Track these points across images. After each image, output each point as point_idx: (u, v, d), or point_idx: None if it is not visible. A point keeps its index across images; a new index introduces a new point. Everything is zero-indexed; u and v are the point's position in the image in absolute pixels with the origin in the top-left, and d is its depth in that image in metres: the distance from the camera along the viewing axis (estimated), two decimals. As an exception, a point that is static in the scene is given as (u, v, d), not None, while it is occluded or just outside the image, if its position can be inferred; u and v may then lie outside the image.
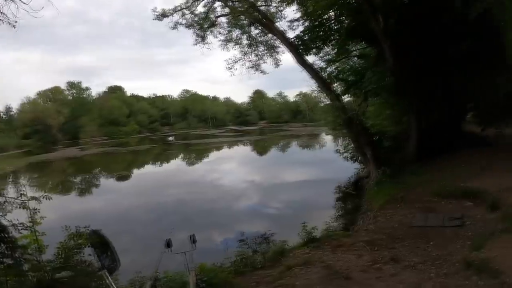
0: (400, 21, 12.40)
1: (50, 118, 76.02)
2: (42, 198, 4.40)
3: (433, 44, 11.97)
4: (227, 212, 15.33)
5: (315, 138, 50.98)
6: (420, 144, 12.60)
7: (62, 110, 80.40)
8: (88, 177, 29.60)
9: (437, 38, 11.80)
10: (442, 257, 5.65)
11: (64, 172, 34.49)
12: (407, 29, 12.29)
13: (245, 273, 6.44)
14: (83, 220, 4.78)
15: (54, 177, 31.08)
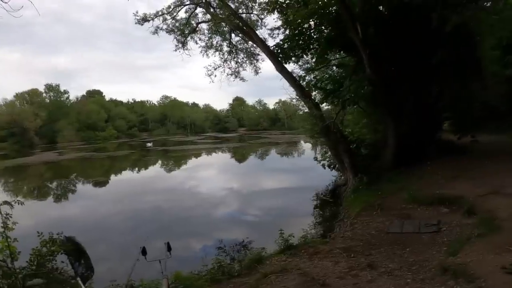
0: (378, 31, 12.62)
1: (27, 121, 74.82)
2: (14, 203, 4.26)
3: (410, 54, 12.21)
4: (205, 219, 15.16)
5: (294, 146, 51.43)
6: (397, 152, 12.77)
7: (40, 113, 79.28)
8: (65, 182, 29.04)
9: (414, 48, 12.05)
10: (419, 263, 5.69)
11: (41, 177, 33.87)
12: (385, 39, 12.52)
13: (221, 281, 6.37)
14: (58, 226, 4.67)
15: (30, 181, 30.47)
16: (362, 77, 12.83)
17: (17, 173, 36.63)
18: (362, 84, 12.66)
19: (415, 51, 12.09)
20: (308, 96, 14.51)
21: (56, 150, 61.55)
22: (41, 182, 30.13)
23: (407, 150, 12.67)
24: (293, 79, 14.80)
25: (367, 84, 12.54)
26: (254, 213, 15.95)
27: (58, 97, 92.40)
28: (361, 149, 15.03)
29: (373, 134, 14.91)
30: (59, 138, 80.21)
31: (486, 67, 12.98)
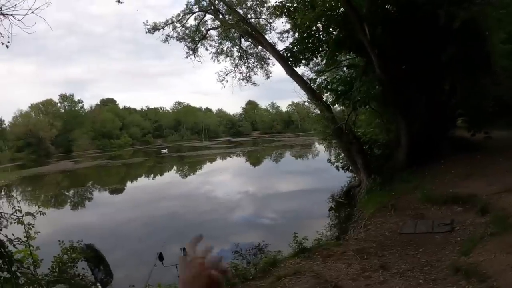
0: (386, 30, 12.60)
1: (42, 131, 75.97)
2: (37, 214, 4.42)
3: (419, 52, 12.13)
4: (221, 224, 15.27)
5: (308, 148, 51.16)
6: (410, 151, 12.67)
7: (55, 123, 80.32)
8: (82, 190, 29.55)
9: (423, 46, 11.98)
10: (431, 263, 5.70)
11: (57, 185, 34.33)
12: (394, 39, 12.47)
13: (236, 285, 6.46)
14: (76, 234, 4.81)
15: (47, 190, 30.98)
16: (372, 78, 12.80)
17: (34, 182, 37.21)
18: (373, 85, 12.61)
19: (424, 49, 12.02)
20: (319, 99, 14.53)
21: (72, 159, 62.36)
22: (58, 190, 30.66)
23: (420, 148, 12.57)
24: (303, 82, 14.85)
25: (378, 84, 12.51)
26: (269, 216, 16.01)
27: (73, 106, 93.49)
28: (374, 149, 14.93)
29: (386, 134, 14.82)
30: (74, 147, 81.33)
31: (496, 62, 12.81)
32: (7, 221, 4.09)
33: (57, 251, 4.72)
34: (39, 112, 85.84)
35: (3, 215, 4.01)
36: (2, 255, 3.50)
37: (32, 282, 4.00)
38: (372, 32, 12.02)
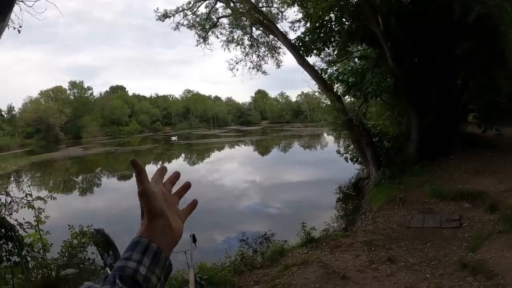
0: (400, 22, 12.43)
1: (52, 117, 76.29)
2: (47, 198, 4.46)
3: (433, 45, 11.99)
4: (228, 212, 15.39)
5: (317, 139, 50.98)
6: (420, 145, 12.57)
7: (64, 110, 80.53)
8: (90, 176, 29.79)
9: (437, 39, 11.82)
10: (438, 258, 5.72)
11: (66, 171, 34.63)
12: (407, 31, 12.31)
13: (244, 272, 6.53)
14: (85, 219, 4.84)
15: (56, 176, 31.22)
16: (385, 70, 12.68)
17: (43, 168, 37.40)
18: (385, 77, 12.49)
19: (438, 42, 11.85)
20: (330, 89, 14.43)
21: (81, 145, 62.64)
22: (67, 176, 30.90)
23: (430, 143, 12.46)
24: (314, 72, 14.73)
25: (390, 76, 12.39)
26: (276, 205, 16.06)
27: (82, 93, 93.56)
28: (384, 142, 14.85)
29: (396, 127, 14.71)
30: (83, 134, 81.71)
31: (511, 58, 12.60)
32: (18, 205, 4.12)
33: (65, 236, 4.75)
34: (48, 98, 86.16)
35: (13, 199, 4.04)
36: (12, 239, 3.54)
37: (42, 266, 4.05)
38: (385, 23, 11.86)
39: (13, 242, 3.56)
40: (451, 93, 13.25)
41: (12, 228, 3.62)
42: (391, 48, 12.03)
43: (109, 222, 13.02)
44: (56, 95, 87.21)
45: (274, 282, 5.70)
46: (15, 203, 4.08)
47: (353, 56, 16.39)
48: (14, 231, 3.62)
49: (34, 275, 4.01)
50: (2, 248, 3.54)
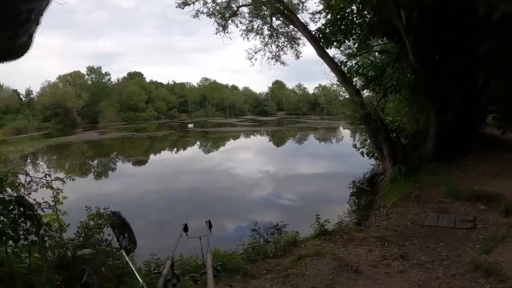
0: (422, 17, 12.22)
1: (69, 101, 76.86)
2: (66, 179, 4.52)
3: (455, 42, 11.77)
4: (241, 201, 15.52)
5: (332, 132, 50.70)
6: (438, 144, 12.43)
7: (82, 94, 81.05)
8: (106, 160, 30.13)
9: (459, 37, 11.60)
10: (451, 258, 5.73)
11: (82, 155, 35.04)
12: (430, 26, 12.10)
13: (256, 261, 6.64)
14: (99, 202, 4.91)
15: (72, 159, 31.56)
16: (405, 65, 12.52)
17: (59, 150, 37.79)
18: (405, 72, 12.34)
19: (460, 39, 11.63)
20: (350, 82, 14.31)
21: (97, 130, 63.30)
22: (83, 159, 31.26)
23: (448, 142, 12.29)
24: (334, 65, 14.61)
25: (410, 72, 12.23)
26: (289, 197, 16.10)
27: (100, 79, 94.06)
28: (401, 138, 14.70)
29: (414, 124, 14.56)
30: (100, 118, 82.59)
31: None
32: (37, 185, 4.19)
33: (79, 217, 4.81)
34: (66, 83, 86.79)
35: (33, 179, 4.11)
36: (30, 218, 3.61)
37: (59, 245, 4.13)
38: (408, 18, 11.68)
39: (31, 221, 3.60)
40: (471, 92, 13.00)
41: (31, 207, 3.68)
42: (413, 43, 11.85)
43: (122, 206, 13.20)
44: (74, 80, 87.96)
45: (287, 271, 5.78)
46: (34, 183, 4.13)
47: (373, 50, 16.18)
48: (32, 210, 3.68)
49: (51, 254, 4.09)
50: (20, 227, 3.60)
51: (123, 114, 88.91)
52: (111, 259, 4.40)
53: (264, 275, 5.95)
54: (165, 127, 69.80)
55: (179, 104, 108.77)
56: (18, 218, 3.51)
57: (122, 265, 4.35)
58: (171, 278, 2.32)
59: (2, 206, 3.46)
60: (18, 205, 3.53)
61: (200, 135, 52.98)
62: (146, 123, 79.10)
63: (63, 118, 75.60)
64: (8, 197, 3.55)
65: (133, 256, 4.54)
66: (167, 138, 49.94)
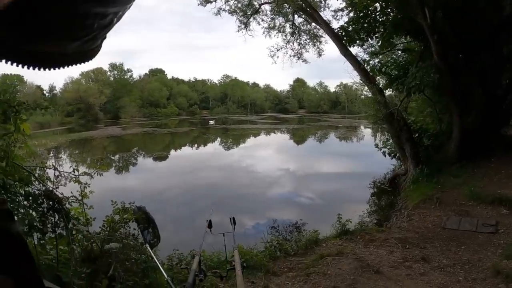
0: (447, 16, 12.04)
1: (92, 97, 78.73)
2: (94, 174, 4.61)
3: (479, 42, 11.56)
4: (260, 198, 15.56)
5: (353, 131, 50.17)
6: (461, 145, 12.22)
7: (104, 90, 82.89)
8: (127, 155, 30.56)
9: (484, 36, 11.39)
10: (472, 262, 5.70)
11: (104, 149, 35.64)
12: (454, 25, 11.91)
13: (278, 258, 6.71)
14: (119, 197, 5.01)
15: (94, 154, 32.16)
16: (429, 64, 12.35)
17: (82, 145, 38.47)
18: (429, 71, 12.17)
19: (485, 39, 11.42)
20: (373, 81, 14.18)
21: (119, 125, 64.25)
22: (104, 154, 31.84)
23: (471, 143, 12.05)
24: (357, 63, 14.47)
25: (434, 71, 12.06)
26: (308, 195, 16.07)
27: (122, 75, 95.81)
28: (424, 139, 14.50)
29: (437, 124, 14.34)
30: (122, 114, 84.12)
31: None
32: (66, 179, 4.29)
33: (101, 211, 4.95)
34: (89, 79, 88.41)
35: (61, 174, 4.21)
36: (59, 212, 3.71)
37: (86, 239, 4.26)
38: (432, 16, 11.51)
39: (60, 215, 3.68)
40: (496, 93, 12.74)
41: (60, 201, 3.76)
42: (437, 42, 11.68)
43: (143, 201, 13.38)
44: (96, 76, 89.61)
45: (308, 270, 5.84)
46: (62, 177, 4.23)
47: (397, 49, 15.99)
48: (61, 204, 3.77)
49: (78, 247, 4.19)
50: (48, 220, 3.71)
51: (144, 110, 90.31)
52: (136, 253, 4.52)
53: (286, 273, 6.03)
54: (186, 123, 70.35)
55: (200, 100, 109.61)
56: (47, 211, 3.57)
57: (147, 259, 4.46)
58: (198, 273, 2.40)
59: (31, 199, 3.52)
60: (47, 199, 3.59)
61: (220, 131, 53.22)
62: (167, 119, 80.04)
63: (85, 113, 77.46)
64: (38, 191, 3.61)
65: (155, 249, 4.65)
66: (188, 134, 50.36)
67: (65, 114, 76.78)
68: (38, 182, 3.83)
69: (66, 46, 0.66)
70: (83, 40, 0.67)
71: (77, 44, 0.67)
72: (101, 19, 0.64)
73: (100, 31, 0.69)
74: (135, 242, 4.76)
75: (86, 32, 0.65)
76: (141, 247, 4.55)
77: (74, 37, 0.64)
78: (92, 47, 0.73)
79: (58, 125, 66.15)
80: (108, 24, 0.70)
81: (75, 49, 0.68)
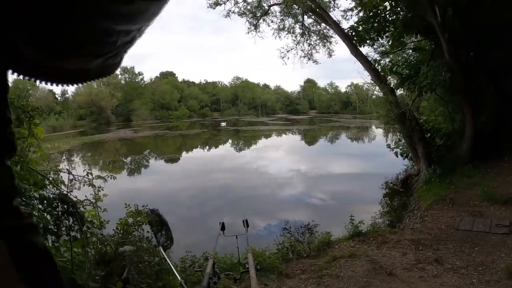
0: (458, 14, 11.92)
1: (104, 101, 79.77)
2: (108, 177, 4.66)
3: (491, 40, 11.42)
4: (271, 199, 15.59)
5: (365, 131, 49.81)
6: (474, 145, 12.06)
7: (116, 94, 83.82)
8: (139, 158, 30.81)
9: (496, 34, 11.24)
10: (485, 264, 5.65)
11: (116, 152, 35.92)
12: (465, 23, 11.79)
13: (291, 260, 6.73)
14: (132, 199, 5.05)
15: (106, 156, 32.57)
16: (440, 63, 12.25)
17: (94, 148, 38.92)
18: (440, 70, 12.07)
19: (496, 37, 11.27)
20: (384, 81, 14.11)
21: (131, 128, 64.80)
22: (117, 157, 32.13)
23: (484, 143, 11.90)
24: (368, 63, 14.40)
25: (446, 70, 11.94)
26: (320, 196, 16.05)
27: (133, 78, 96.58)
28: (436, 139, 14.36)
29: (450, 124, 14.18)
30: (133, 117, 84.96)
31: None
32: (80, 183, 4.34)
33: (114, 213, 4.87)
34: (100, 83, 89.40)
35: (75, 177, 4.26)
36: (73, 215, 3.77)
37: (101, 242, 4.31)
38: (442, 14, 11.41)
39: (74, 218, 3.72)
40: (508, 92, 12.56)
41: (74, 205, 3.81)
42: (448, 40, 11.57)
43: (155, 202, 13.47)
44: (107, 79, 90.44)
45: (321, 272, 5.85)
46: (76, 181, 4.28)
47: (407, 48, 15.88)
48: (76, 208, 3.82)
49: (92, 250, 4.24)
50: (63, 223, 3.77)
51: (156, 112, 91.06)
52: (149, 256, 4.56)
53: (298, 275, 6.04)
54: (197, 125, 70.56)
55: (211, 102, 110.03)
56: (61, 215, 3.63)
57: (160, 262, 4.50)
58: (212, 276, 2.42)
59: (46, 203, 3.58)
60: (61, 202, 3.64)
61: (232, 133, 53.34)
62: (179, 122, 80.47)
63: (97, 116, 78.57)
64: (52, 195, 3.67)
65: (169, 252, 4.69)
66: (199, 136, 50.50)
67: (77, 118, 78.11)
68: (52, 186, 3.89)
69: (89, 62, 0.67)
70: (106, 57, 0.67)
71: (100, 61, 0.68)
72: (124, 36, 0.65)
73: (122, 48, 0.69)
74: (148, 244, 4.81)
75: (109, 49, 0.66)
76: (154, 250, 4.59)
77: (98, 54, 0.65)
78: (113, 63, 0.73)
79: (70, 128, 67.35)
80: (131, 40, 0.69)
81: (98, 65, 0.69)
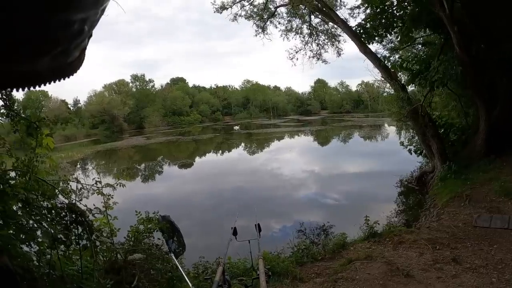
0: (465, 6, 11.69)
1: (116, 109, 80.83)
2: (116, 185, 4.66)
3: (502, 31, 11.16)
4: (286, 201, 15.52)
5: (378, 129, 49.36)
6: (488, 139, 11.80)
7: (127, 101, 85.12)
8: (152, 164, 31.12)
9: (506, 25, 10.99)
10: (505, 262, 5.50)
11: (130, 159, 36.31)
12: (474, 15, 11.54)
13: (305, 264, 6.64)
14: (146, 205, 5.05)
15: (120, 164, 32.93)
16: (451, 57, 12.03)
17: (108, 156, 39.50)
18: (451, 64, 11.87)
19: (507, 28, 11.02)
20: (394, 78, 13.92)
21: (143, 135, 65.39)
22: (130, 164, 32.50)
23: (499, 137, 11.62)
24: (377, 60, 14.23)
25: (457, 64, 11.73)
26: (334, 196, 15.98)
27: (144, 86, 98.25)
28: (450, 134, 14.10)
29: (463, 119, 13.93)
30: (146, 124, 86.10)
31: None
32: (88, 192, 4.33)
33: (127, 221, 4.91)
34: (112, 91, 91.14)
35: (84, 186, 4.26)
36: (82, 224, 3.75)
37: (110, 250, 4.30)
38: (450, 6, 11.19)
39: (83, 227, 3.70)
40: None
41: (83, 214, 3.79)
42: (458, 33, 11.35)
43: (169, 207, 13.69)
44: (119, 88, 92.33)
45: (336, 275, 5.76)
46: (85, 190, 4.28)
47: (417, 43, 15.66)
48: (84, 217, 3.80)
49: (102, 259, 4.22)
50: (72, 232, 3.76)
51: (167, 118, 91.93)
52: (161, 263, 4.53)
53: (313, 279, 5.95)
54: (209, 130, 70.88)
55: (222, 106, 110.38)
56: (70, 224, 3.61)
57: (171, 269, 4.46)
58: (222, 284, 2.37)
59: (54, 213, 3.56)
60: (70, 212, 3.63)
61: (244, 136, 53.36)
62: (191, 127, 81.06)
63: (110, 124, 79.73)
64: (60, 204, 3.66)
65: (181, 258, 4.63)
66: (212, 140, 50.65)
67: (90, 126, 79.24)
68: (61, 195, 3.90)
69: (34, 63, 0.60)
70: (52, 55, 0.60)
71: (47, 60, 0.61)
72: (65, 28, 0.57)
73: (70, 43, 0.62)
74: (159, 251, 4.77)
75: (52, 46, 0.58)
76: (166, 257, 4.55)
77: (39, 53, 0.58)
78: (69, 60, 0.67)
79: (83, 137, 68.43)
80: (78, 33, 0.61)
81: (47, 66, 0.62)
